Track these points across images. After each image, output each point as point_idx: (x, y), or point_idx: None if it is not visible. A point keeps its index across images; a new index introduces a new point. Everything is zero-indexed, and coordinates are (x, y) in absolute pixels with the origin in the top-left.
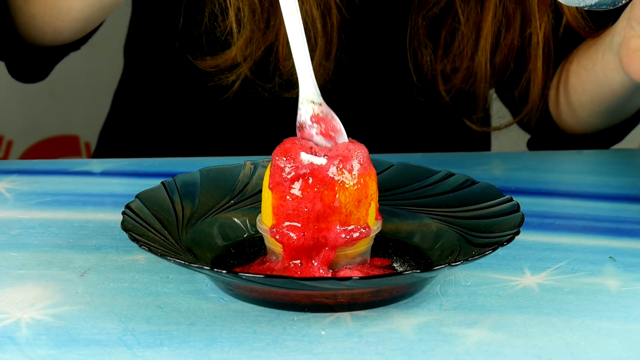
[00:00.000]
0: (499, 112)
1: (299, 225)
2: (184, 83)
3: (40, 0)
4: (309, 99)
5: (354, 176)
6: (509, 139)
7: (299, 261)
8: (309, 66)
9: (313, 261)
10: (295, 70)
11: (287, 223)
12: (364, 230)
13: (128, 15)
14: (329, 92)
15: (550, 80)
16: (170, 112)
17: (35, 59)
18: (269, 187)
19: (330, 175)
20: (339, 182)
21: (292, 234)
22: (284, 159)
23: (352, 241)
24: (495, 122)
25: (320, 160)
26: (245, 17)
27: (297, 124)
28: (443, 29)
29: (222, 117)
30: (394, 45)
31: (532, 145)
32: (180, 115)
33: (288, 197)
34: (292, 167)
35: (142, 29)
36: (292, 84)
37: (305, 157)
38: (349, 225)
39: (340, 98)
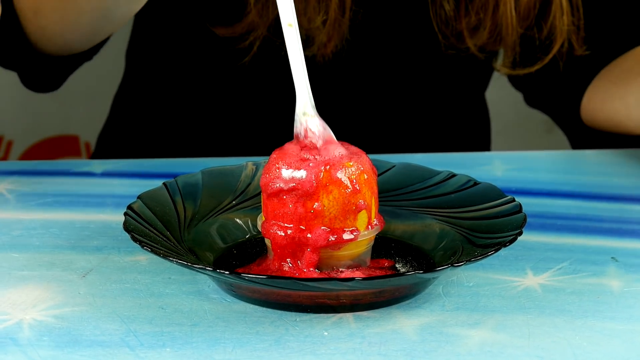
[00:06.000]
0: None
1: (285, 225)
2: (187, 81)
3: (49, 14)
4: (303, 110)
5: (341, 181)
6: (508, 138)
7: (289, 260)
8: (305, 77)
9: (298, 262)
10: (311, 27)
11: (273, 221)
12: (350, 235)
13: (131, 19)
14: (344, 53)
15: (576, 17)
16: (169, 116)
17: (48, 69)
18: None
19: (315, 180)
20: (324, 186)
21: (278, 232)
22: (267, 175)
23: (335, 244)
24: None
25: (301, 174)
26: None
27: (295, 133)
28: None
29: (222, 117)
30: (414, 3)
31: (575, 144)
32: (180, 119)
33: (274, 200)
34: (275, 182)
35: (145, 32)
36: (307, 42)
37: (286, 174)
38: (334, 228)
39: (356, 63)
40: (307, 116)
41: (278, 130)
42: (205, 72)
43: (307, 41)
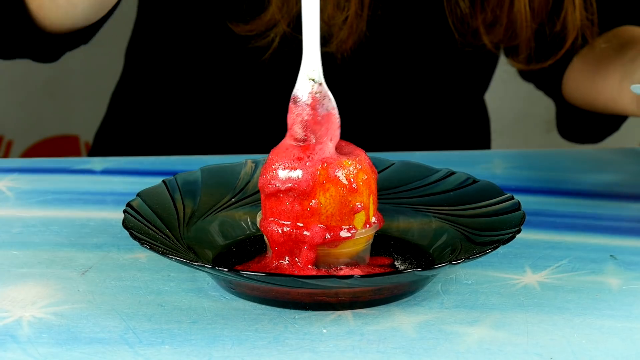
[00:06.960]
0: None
1: (283, 222)
2: (186, 79)
3: None
4: (310, 75)
5: (338, 179)
6: (508, 138)
7: (287, 258)
8: (317, 40)
9: (296, 259)
10: (331, 24)
11: (271, 218)
12: (347, 232)
13: (130, 17)
14: (364, 48)
15: (589, 12)
16: (167, 114)
17: (47, 42)
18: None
19: (311, 180)
20: (321, 183)
21: (275, 228)
22: (264, 176)
23: (332, 241)
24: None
25: (297, 173)
26: None
27: (293, 96)
28: None
29: (221, 115)
30: (430, 1)
31: (564, 133)
32: (177, 117)
33: (272, 198)
34: (272, 183)
35: (148, 30)
36: (327, 39)
37: (282, 174)
38: (331, 226)
39: (371, 60)
40: (314, 82)
41: (277, 127)
42: (205, 69)
43: (326, 38)
